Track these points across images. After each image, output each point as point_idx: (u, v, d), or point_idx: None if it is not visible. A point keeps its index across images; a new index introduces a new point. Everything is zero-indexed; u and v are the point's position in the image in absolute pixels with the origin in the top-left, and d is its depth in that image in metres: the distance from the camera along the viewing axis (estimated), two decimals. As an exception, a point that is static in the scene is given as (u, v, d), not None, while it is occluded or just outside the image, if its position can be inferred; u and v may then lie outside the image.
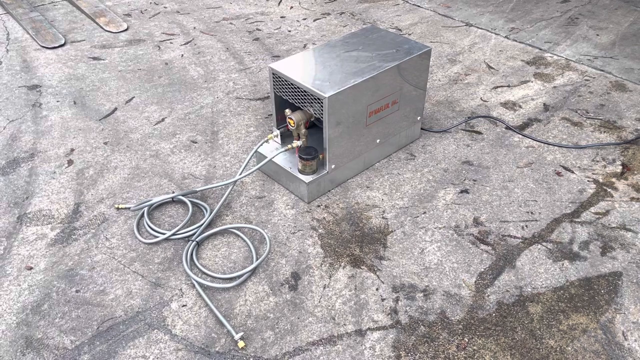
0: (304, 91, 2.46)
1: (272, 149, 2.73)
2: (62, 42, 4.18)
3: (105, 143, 3.05)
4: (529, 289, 2.17)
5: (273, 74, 2.58)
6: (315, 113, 2.48)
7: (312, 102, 2.46)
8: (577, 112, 3.28)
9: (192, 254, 2.32)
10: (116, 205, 2.58)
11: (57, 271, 2.27)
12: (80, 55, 4.00)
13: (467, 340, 1.98)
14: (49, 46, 4.11)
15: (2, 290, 2.18)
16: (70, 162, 2.90)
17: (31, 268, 2.29)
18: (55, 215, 2.56)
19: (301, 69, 2.55)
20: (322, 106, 2.40)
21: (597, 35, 4.21)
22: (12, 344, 1.98)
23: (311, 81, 2.44)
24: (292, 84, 2.50)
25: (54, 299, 2.15)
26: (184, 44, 4.17)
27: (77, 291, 2.18)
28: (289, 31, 4.34)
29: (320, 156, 2.58)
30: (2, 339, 2.00)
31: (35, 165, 2.88)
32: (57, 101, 3.44)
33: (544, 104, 3.36)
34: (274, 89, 2.64)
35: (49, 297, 2.16)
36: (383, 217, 2.53)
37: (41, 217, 2.55)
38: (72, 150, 2.99)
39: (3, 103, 3.41)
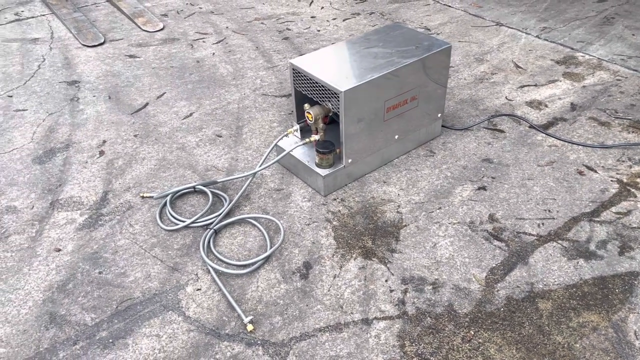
0: (322, 86, 2.51)
1: (292, 142, 2.80)
2: (102, 40, 4.37)
3: (135, 136, 3.19)
4: (541, 286, 2.16)
5: (293, 69, 2.65)
6: (332, 108, 2.53)
7: (329, 97, 2.51)
8: (605, 111, 3.21)
9: (209, 242, 2.41)
10: (141, 194, 2.70)
11: (83, 254, 2.40)
12: (118, 53, 4.18)
13: (472, 332, 1.99)
14: (90, 44, 4.31)
15: (32, 270, 2.32)
16: (101, 153, 3.04)
17: (59, 250, 2.42)
18: (84, 202, 2.69)
19: (320, 64, 2.61)
20: (338, 101, 2.45)
21: (633, 35, 4.09)
22: (37, 319, 2.11)
23: (328, 76, 2.49)
24: (310, 79, 2.56)
25: (79, 279, 2.27)
26: (216, 42, 4.29)
27: (100, 273, 2.30)
28: (318, 31, 4.41)
29: (337, 150, 2.63)
30: (28, 314, 2.13)
31: (70, 155, 3.04)
32: (94, 96, 3.61)
33: (572, 104, 3.30)
34: (294, 84, 2.70)
35: (74, 277, 2.28)
36: (398, 212, 2.56)
37: (72, 203, 2.69)
38: (104, 142, 3.14)
39: (44, 97, 3.61)
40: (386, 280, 2.21)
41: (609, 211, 2.50)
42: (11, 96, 3.62)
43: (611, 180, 2.69)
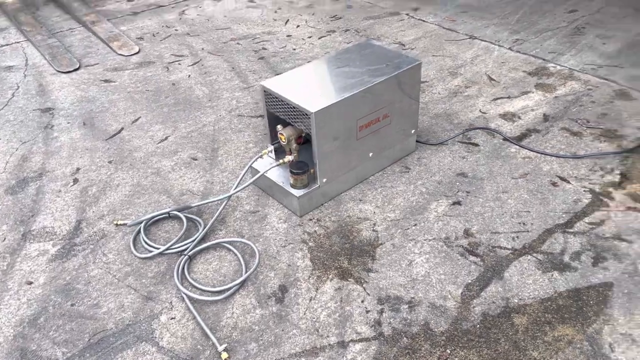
0: (293, 107, 2.51)
1: (267, 164, 2.79)
2: (77, 66, 4.35)
3: (110, 162, 3.16)
4: (516, 300, 2.16)
5: (264, 91, 2.65)
6: (305, 129, 2.53)
7: (301, 118, 2.51)
8: (577, 121, 3.25)
9: (183, 268, 2.38)
10: (115, 222, 2.67)
11: (55, 286, 2.36)
12: (93, 78, 4.17)
13: (449, 351, 1.98)
14: (64, 70, 4.29)
15: (2, 304, 2.28)
16: (75, 181, 3.01)
17: (31, 283, 2.38)
18: (57, 232, 2.66)
19: (291, 86, 2.61)
20: (310, 121, 2.45)
21: (604, 44, 4.16)
22: (7, 356, 2.06)
23: (299, 97, 2.49)
24: (282, 100, 2.56)
25: (50, 313, 2.23)
26: (192, 64, 4.29)
27: (72, 305, 2.26)
28: (294, 49, 4.43)
29: (311, 170, 2.62)
30: (-1, 350, 2.09)
31: (43, 184, 3.00)
32: (68, 123, 3.58)
33: (544, 114, 3.34)
34: (267, 106, 2.70)
35: (45, 311, 2.24)
36: (373, 230, 2.55)
37: (44, 233, 2.65)
38: (78, 169, 3.11)
39: (17, 126, 3.57)
40: (362, 301, 2.20)
41: (582, 222, 2.52)
42: (-16, 126, 3.58)
43: (584, 191, 2.71)
